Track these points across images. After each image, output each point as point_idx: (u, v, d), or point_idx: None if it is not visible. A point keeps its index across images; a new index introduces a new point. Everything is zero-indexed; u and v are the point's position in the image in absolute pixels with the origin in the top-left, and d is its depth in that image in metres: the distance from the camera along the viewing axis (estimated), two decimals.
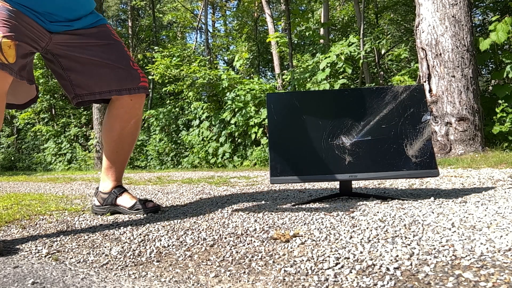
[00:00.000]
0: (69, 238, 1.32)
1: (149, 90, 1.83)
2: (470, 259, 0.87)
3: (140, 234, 1.31)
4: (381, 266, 0.87)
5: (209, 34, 13.90)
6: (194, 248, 1.12)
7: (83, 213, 1.81)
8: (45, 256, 1.13)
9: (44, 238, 1.33)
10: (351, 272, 0.85)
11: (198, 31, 15.66)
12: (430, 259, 0.89)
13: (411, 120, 1.63)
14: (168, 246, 1.16)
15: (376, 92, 1.68)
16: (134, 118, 1.69)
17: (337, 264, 0.91)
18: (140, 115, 1.73)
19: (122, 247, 1.17)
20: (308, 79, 6.34)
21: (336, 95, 1.72)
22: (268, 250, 1.05)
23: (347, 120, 1.66)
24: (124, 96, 1.63)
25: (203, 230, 1.32)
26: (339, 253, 0.97)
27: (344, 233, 1.14)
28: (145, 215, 1.67)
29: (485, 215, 1.24)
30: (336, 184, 2.31)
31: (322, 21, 8.01)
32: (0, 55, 1.30)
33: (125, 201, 1.71)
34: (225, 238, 1.20)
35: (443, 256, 0.90)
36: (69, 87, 1.62)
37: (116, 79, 1.60)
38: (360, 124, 1.65)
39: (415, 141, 1.62)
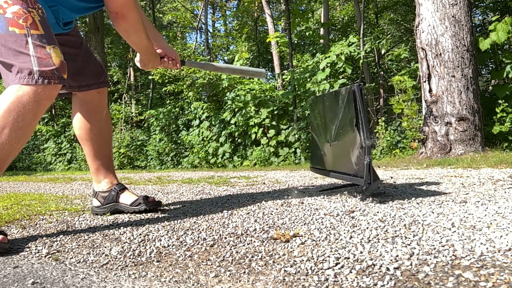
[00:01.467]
0: (69, 238, 1.32)
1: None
2: (470, 259, 0.87)
3: (140, 234, 1.31)
4: (381, 266, 0.87)
5: (209, 34, 13.90)
6: (194, 248, 1.12)
7: (83, 213, 1.81)
8: (45, 256, 1.13)
9: (44, 238, 1.33)
10: (351, 272, 0.85)
11: (198, 31, 15.67)
12: (430, 259, 0.89)
13: (350, 125, 1.48)
14: (168, 246, 1.16)
15: (334, 96, 1.64)
16: (104, 109, 1.75)
17: (337, 264, 0.91)
18: (107, 107, 1.80)
19: (122, 247, 1.17)
20: (308, 79, 6.34)
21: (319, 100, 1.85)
22: (268, 250, 1.05)
23: (330, 125, 1.69)
24: (92, 91, 1.68)
25: (203, 230, 1.32)
26: (339, 253, 0.97)
27: (344, 233, 1.14)
28: (146, 211, 1.69)
29: (485, 215, 1.24)
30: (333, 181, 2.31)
31: (322, 21, 8.01)
32: (65, 73, 1.33)
33: (125, 198, 1.72)
34: (225, 238, 1.20)
35: (443, 256, 0.90)
36: None
37: (93, 73, 1.67)
38: (332, 128, 1.67)
39: (354, 147, 1.48)
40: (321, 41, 7.62)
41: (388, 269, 0.85)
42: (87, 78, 1.66)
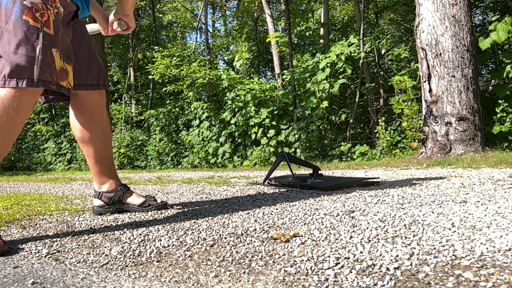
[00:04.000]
0: (69, 238, 1.32)
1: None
2: (470, 259, 0.87)
3: (140, 234, 1.31)
4: (381, 266, 0.87)
5: (209, 34, 13.90)
6: (194, 248, 1.12)
7: (83, 213, 1.81)
8: (45, 256, 1.13)
9: (44, 238, 1.33)
10: (351, 272, 0.85)
11: (198, 31, 15.67)
12: (430, 259, 0.89)
13: None
14: (168, 246, 1.16)
15: None
16: (104, 110, 1.70)
17: (337, 264, 0.91)
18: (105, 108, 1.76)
19: (122, 247, 1.17)
20: (308, 79, 6.34)
21: None
22: (268, 250, 1.05)
23: None
24: (94, 92, 1.62)
25: (203, 230, 1.32)
26: (339, 253, 0.97)
27: (344, 233, 1.14)
28: (156, 211, 1.71)
29: (485, 215, 1.24)
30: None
31: (322, 21, 8.01)
32: (67, 81, 1.28)
33: (133, 199, 1.74)
34: (225, 238, 1.20)
35: (443, 256, 0.90)
36: None
37: (100, 72, 1.62)
38: None
39: None
40: (321, 41, 7.62)
41: (388, 269, 0.85)
42: (97, 77, 1.60)
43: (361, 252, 0.97)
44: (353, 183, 2.20)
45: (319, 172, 2.53)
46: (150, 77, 8.53)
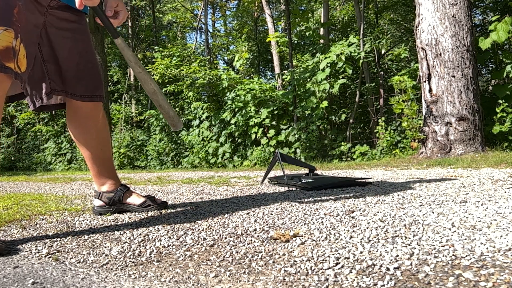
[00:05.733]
0: (69, 238, 1.32)
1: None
2: (470, 259, 0.87)
3: (140, 234, 1.31)
4: (381, 266, 0.87)
5: (209, 34, 13.91)
6: (194, 248, 1.12)
7: (83, 213, 1.81)
8: (45, 256, 1.13)
9: (44, 238, 1.33)
10: (351, 272, 0.85)
11: (198, 31, 15.67)
12: (430, 259, 0.89)
13: None
14: (168, 246, 1.16)
15: None
16: (100, 112, 1.64)
17: (337, 264, 0.91)
18: (102, 109, 1.68)
19: (122, 247, 1.17)
20: (308, 79, 6.34)
21: None
22: (268, 250, 1.05)
23: None
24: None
25: (203, 230, 1.32)
26: (339, 253, 0.97)
27: (344, 233, 1.14)
28: (156, 211, 1.70)
29: (485, 215, 1.24)
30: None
31: (322, 21, 8.00)
32: (15, 63, 1.20)
33: (133, 199, 1.73)
34: (225, 238, 1.20)
35: (443, 256, 0.90)
36: (46, 80, 1.45)
37: (90, 83, 1.54)
38: None
39: None
40: (321, 41, 7.62)
41: (388, 269, 0.85)
42: (85, 88, 1.53)
43: (361, 252, 0.97)
44: (344, 183, 2.20)
45: (315, 171, 2.54)
46: None
